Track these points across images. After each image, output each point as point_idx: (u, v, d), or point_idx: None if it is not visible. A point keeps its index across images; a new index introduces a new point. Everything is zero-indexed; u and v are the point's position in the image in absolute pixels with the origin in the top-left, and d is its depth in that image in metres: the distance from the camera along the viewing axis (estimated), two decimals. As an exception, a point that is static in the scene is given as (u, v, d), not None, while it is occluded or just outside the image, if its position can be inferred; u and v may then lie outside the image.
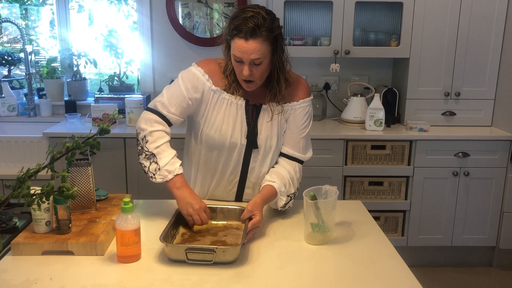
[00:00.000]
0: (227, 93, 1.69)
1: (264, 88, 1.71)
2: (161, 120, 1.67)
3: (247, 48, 1.54)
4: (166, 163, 1.60)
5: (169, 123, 1.69)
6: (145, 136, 1.65)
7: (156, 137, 1.64)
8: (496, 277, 3.11)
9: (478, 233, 3.10)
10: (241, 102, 1.69)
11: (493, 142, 2.98)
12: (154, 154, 1.62)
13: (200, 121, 1.73)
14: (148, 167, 1.63)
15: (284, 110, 1.72)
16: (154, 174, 1.61)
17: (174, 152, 1.65)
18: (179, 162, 1.64)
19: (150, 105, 1.71)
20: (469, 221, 3.08)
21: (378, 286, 1.30)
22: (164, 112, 1.67)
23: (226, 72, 1.68)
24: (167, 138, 1.67)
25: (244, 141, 1.71)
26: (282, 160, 1.76)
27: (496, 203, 3.06)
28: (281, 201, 1.68)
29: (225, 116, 1.69)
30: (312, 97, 1.80)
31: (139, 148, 1.66)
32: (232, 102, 1.69)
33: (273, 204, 1.71)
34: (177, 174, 1.60)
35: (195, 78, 1.70)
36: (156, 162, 1.61)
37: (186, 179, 1.67)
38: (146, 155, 1.64)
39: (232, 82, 1.68)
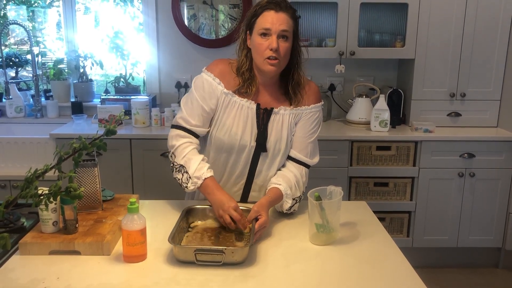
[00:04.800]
0: (240, 92, 1.68)
1: (277, 91, 1.72)
2: (185, 133, 1.70)
3: (277, 18, 1.58)
4: (195, 170, 1.63)
5: (195, 135, 1.72)
6: (173, 153, 1.70)
7: (182, 149, 1.68)
8: (502, 278, 3.10)
9: (484, 234, 3.09)
10: (252, 106, 1.69)
11: (499, 143, 2.97)
12: (182, 165, 1.66)
13: (210, 123, 1.73)
14: (181, 179, 1.67)
15: (295, 114, 1.73)
16: (187, 184, 1.65)
17: (200, 157, 1.67)
18: (207, 165, 1.66)
19: (173, 122, 1.75)
20: (475, 222, 3.07)
21: (383, 286, 1.31)
22: (187, 126, 1.70)
23: (242, 69, 1.68)
24: (192, 146, 1.69)
25: (254, 143, 1.71)
26: (289, 164, 1.76)
27: (502, 204, 3.05)
28: (287, 203, 1.69)
29: (236, 119, 1.69)
30: (322, 102, 1.80)
31: (171, 165, 1.71)
32: (243, 106, 1.69)
33: (279, 207, 1.72)
34: (205, 178, 1.62)
35: (207, 84, 1.70)
36: (187, 172, 1.64)
37: None
38: (176, 168, 1.68)
39: (246, 79, 1.67)
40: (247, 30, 1.67)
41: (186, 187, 1.66)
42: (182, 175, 1.66)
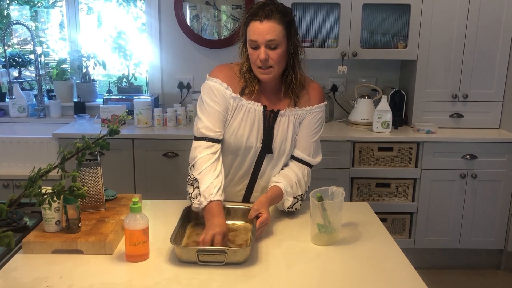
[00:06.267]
0: (245, 93, 1.68)
1: (279, 91, 1.72)
2: (209, 143, 1.66)
3: (262, 29, 1.57)
4: (206, 188, 1.57)
5: (218, 142, 1.68)
6: (192, 165, 1.65)
7: (200, 162, 1.62)
8: (504, 280, 3.10)
9: (485, 236, 3.09)
10: (259, 108, 1.69)
11: (501, 145, 2.97)
12: (196, 179, 1.60)
13: None
14: (191, 194, 1.60)
15: (299, 114, 1.73)
16: (194, 200, 1.58)
17: (216, 174, 1.61)
18: (218, 186, 1.58)
19: (197, 133, 1.68)
20: (476, 223, 3.07)
21: (384, 287, 1.31)
22: (212, 135, 1.66)
23: (243, 70, 1.68)
24: (213, 159, 1.63)
25: (260, 145, 1.71)
26: (291, 163, 1.77)
27: (504, 206, 3.05)
28: (288, 201, 1.70)
29: (242, 122, 1.69)
30: (326, 102, 1.81)
31: (188, 177, 1.66)
32: (250, 108, 1.69)
33: (280, 205, 1.73)
34: (212, 201, 1.54)
35: (216, 90, 1.68)
36: (198, 188, 1.59)
37: None
38: (190, 182, 1.63)
39: (248, 79, 1.67)
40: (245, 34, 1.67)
41: (192, 203, 1.59)
42: (193, 190, 1.60)
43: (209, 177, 1.59)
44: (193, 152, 1.66)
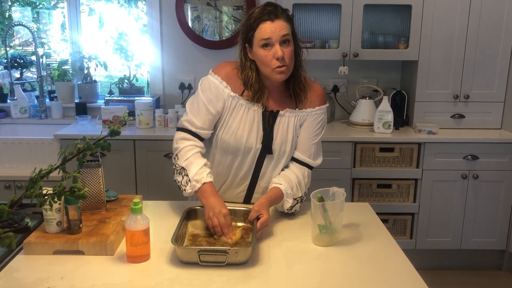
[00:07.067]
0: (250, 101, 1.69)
1: (282, 93, 1.72)
2: (190, 136, 1.70)
3: (275, 27, 1.58)
4: (195, 174, 1.62)
5: (200, 138, 1.71)
6: (176, 155, 1.69)
7: (185, 152, 1.67)
8: (506, 280, 3.09)
9: (487, 236, 3.09)
10: (258, 108, 1.69)
11: (502, 145, 2.96)
12: (183, 167, 1.65)
13: (216, 126, 1.74)
14: (181, 182, 1.66)
15: (300, 116, 1.73)
16: (185, 187, 1.64)
17: (203, 161, 1.66)
18: (208, 170, 1.64)
19: (179, 125, 1.74)
20: (478, 224, 3.07)
21: None
22: (193, 129, 1.70)
23: (250, 81, 1.66)
24: (196, 149, 1.68)
25: (260, 146, 1.71)
26: (292, 165, 1.77)
27: (506, 206, 3.04)
28: (287, 203, 1.70)
29: (242, 121, 1.69)
30: (327, 104, 1.81)
31: (173, 167, 1.71)
32: (249, 108, 1.69)
33: (280, 207, 1.73)
34: (204, 183, 1.60)
35: (214, 87, 1.69)
36: (187, 175, 1.63)
37: None
38: (177, 170, 1.68)
39: (257, 92, 1.66)
40: (245, 44, 1.66)
41: (184, 190, 1.64)
42: (182, 177, 1.65)
43: (196, 164, 1.64)
44: (174, 143, 1.72)
